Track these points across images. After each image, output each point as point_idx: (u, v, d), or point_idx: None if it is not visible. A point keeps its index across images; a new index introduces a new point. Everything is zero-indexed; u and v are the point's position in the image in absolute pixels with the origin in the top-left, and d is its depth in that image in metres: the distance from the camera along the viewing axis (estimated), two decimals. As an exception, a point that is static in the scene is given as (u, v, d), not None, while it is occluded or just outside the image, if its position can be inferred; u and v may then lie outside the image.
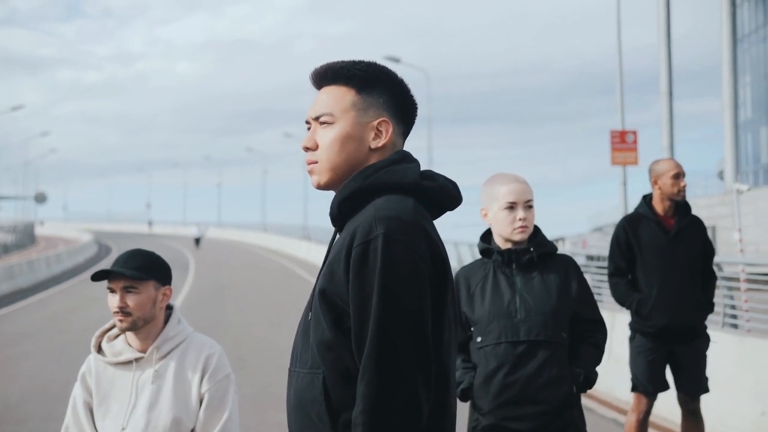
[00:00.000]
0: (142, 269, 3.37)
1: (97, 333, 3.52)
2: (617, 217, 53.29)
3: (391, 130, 2.24)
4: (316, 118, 2.25)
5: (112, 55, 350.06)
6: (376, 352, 2.00)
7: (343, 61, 2.27)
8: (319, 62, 2.30)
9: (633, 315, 5.93)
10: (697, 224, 5.97)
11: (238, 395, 3.53)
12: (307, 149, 2.25)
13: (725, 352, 7.72)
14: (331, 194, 2.26)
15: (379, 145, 2.23)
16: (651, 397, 6.00)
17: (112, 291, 3.38)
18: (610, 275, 5.98)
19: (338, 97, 2.24)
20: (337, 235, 2.23)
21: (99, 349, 3.49)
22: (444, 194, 2.23)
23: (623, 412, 8.69)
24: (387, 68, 2.28)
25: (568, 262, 4.02)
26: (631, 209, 7.04)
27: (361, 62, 2.26)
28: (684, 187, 5.85)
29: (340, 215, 2.20)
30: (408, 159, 2.24)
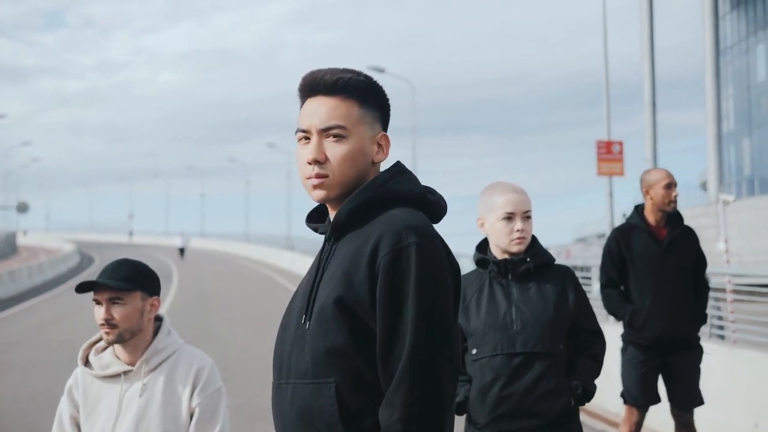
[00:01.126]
0: (127, 280, 3.28)
1: (85, 345, 3.43)
2: (601, 227, 53.58)
3: (389, 143, 2.27)
4: (325, 130, 2.19)
5: (95, 64, 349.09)
6: (414, 360, 2.01)
7: (344, 71, 2.24)
8: (304, 72, 2.27)
9: (626, 326, 5.87)
10: (690, 235, 5.92)
11: (229, 409, 3.45)
12: (316, 162, 2.18)
13: (716, 363, 7.68)
14: (310, 205, 2.29)
15: (381, 159, 2.25)
16: (642, 410, 5.94)
17: (98, 303, 3.29)
18: (603, 286, 5.92)
19: (347, 110, 2.20)
20: (335, 246, 2.20)
21: (86, 362, 3.40)
22: (440, 208, 2.27)
23: (612, 424, 8.65)
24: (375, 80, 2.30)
25: (565, 272, 3.96)
26: (617, 220, 6.99)
27: (359, 73, 2.24)
28: (676, 197, 5.80)
29: (346, 225, 2.18)
30: (406, 170, 2.27)
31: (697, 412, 6.10)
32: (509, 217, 3.82)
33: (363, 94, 2.22)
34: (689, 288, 5.84)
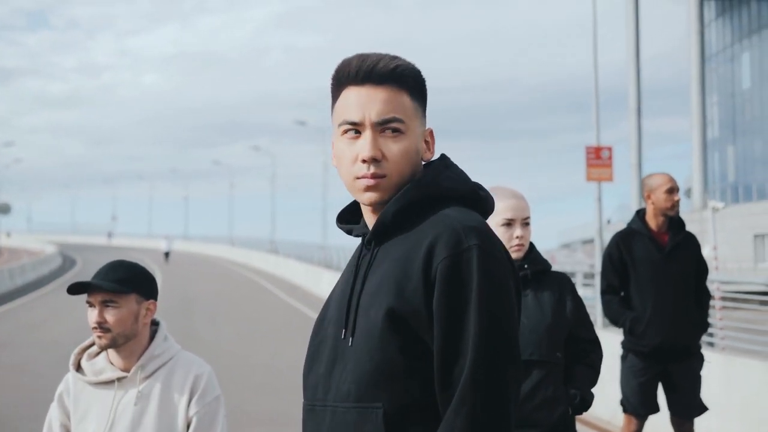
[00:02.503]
0: (122, 282, 3.14)
1: (77, 350, 3.29)
2: (586, 233, 53.68)
3: (434, 140, 2.07)
4: (383, 124, 1.95)
5: (78, 66, 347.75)
6: (477, 380, 1.79)
7: (394, 57, 2.00)
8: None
9: (626, 334, 5.77)
10: (692, 241, 5.83)
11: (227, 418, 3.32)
12: (374, 160, 1.94)
13: (712, 371, 7.60)
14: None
15: (429, 158, 2.04)
16: (642, 419, 5.84)
17: (91, 305, 3.15)
18: (603, 292, 5.82)
19: (403, 102, 1.97)
20: (377, 250, 1.97)
21: (78, 368, 3.26)
22: (490, 206, 2.05)
23: (603, 431, 8.56)
24: None
25: (562, 279, 3.90)
26: (606, 225, 6.89)
27: (406, 60, 2.02)
28: (678, 201, 5.70)
29: (391, 227, 1.96)
30: (453, 164, 2.06)
31: (695, 420, 6.00)
32: (509, 224, 3.75)
33: (415, 84, 2.01)
34: (690, 295, 5.75)
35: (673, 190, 5.69)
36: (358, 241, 2.09)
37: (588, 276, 13.34)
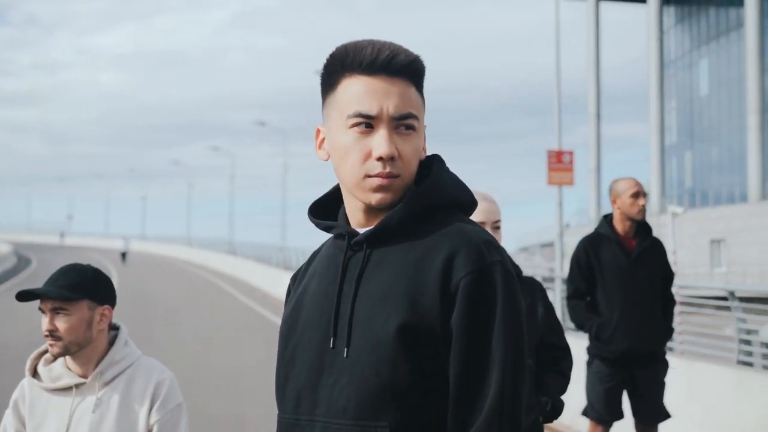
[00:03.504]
0: (72, 288, 3.01)
1: (33, 355, 3.17)
2: (545, 237, 53.96)
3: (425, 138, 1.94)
4: (400, 119, 1.81)
5: (35, 63, 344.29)
6: (503, 403, 1.69)
7: (407, 50, 1.86)
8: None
9: (592, 339, 5.73)
10: (658, 246, 5.80)
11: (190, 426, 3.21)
12: (391, 159, 1.79)
13: (673, 377, 7.60)
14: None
15: (423, 156, 1.90)
16: (607, 426, 5.80)
17: (43, 312, 3.02)
18: (569, 297, 5.78)
19: (415, 97, 1.84)
20: (371, 254, 1.82)
21: (34, 373, 3.14)
22: (473, 212, 1.95)
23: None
24: None
25: (533, 285, 3.84)
26: (565, 229, 6.85)
27: (417, 54, 1.88)
28: (643, 206, 5.67)
29: (397, 231, 1.82)
30: (447, 167, 1.94)
31: (659, 426, 5.97)
32: None
33: (421, 80, 1.87)
34: (657, 300, 5.72)
35: (638, 194, 5.67)
36: (323, 238, 1.97)
37: (548, 280, 13.36)
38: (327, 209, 1.97)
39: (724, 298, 9.18)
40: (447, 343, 1.73)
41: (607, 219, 5.81)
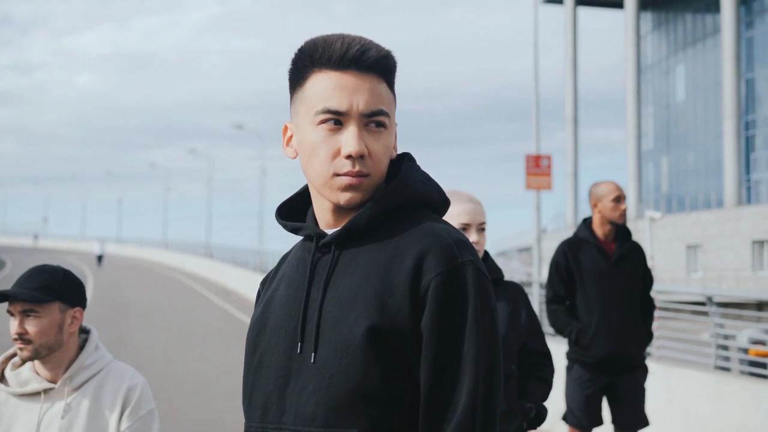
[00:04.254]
0: (43, 290, 2.92)
1: (0, 359, 3.07)
2: (523, 241, 54.11)
3: (396, 137, 1.87)
4: (370, 116, 1.74)
5: (11, 64, 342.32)
6: (476, 408, 1.63)
7: (379, 45, 1.79)
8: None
9: (571, 344, 5.67)
10: (638, 251, 5.75)
11: (162, 432, 3.13)
12: (360, 157, 1.72)
13: (652, 382, 7.58)
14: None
15: (394, 155, 1.84)
16: None
17: (12, 314, 2.93)
18: (548, 302, 5.72)
19: (386, 94, 1.77)
20: (339, 255, 1.76)
21: (1, 378, 3.05)
22: (446, 212, 1.89)
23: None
24: None
25: (517, 290, 3.77)
26: (545, 234, 6.81)
27: (389, 50, 1.82)
28: (625, 210, 5.64)
29: (367, 231, 1.76)
30: (418, 165, 1.88)
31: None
32: (464, 229, 3.58)
33: (393, 77, 1.81)
34: (637, 305, 5.67)
35: (620, 198, 5.63)
36: (295, 240, 1.90)
37: (525, 285, 13.34)
38: (295, 210, 1.91)
39: (701, 303, 9.19)
40: (418, 346, 1.66)
41: (587, 223, 5.76)
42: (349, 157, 1.71)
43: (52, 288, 2.94)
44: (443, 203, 1.85)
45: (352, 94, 1.73)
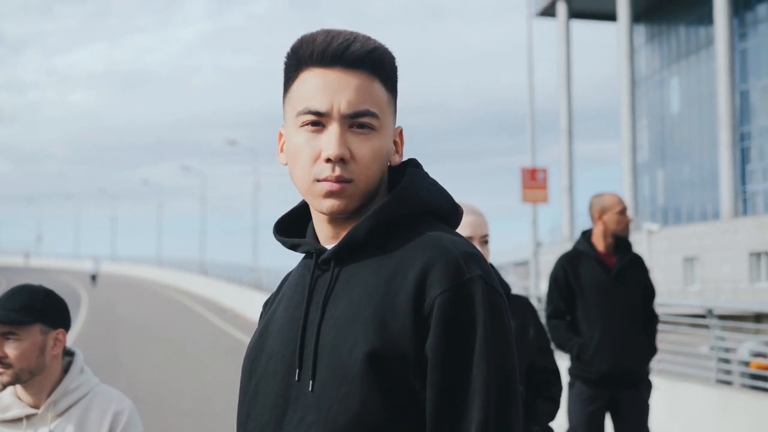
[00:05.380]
0: (23, 311, 2.77)
1: (-20, 384, 2.93)
2: (518, 255, 54.00)
3: (403, 141, 1.72)
4: (354, 117, 1.59)
5: (4, 82, 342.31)
6: (485, 425, 1.47)
7: (367, 38, 1.64)
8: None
9: (573, 360, 5.54)
10: (639, 263, 5.63)
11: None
12: (340, 161, 1.58)
13: (654, 397, 7.45)
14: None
15: (397, 162, 1.70)
16: (589, 449, 5.60)
17: None
18: (549, 317, 5.59)
19: (377, 93, 1.61)
20: (339, 272, 1.61)
21: (-18, 404, 2.91)
22: (459, 223, 1.73)
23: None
24: None
25: (524, 304, 3.65)
26: (540, 247, 6.69)
27: (384, 44, 1.67)
28: (629, 222, 5.54)
29: (362, 246, 1.61)
30: (426, 172, 1.72)
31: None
32: None
33: (390, 72, 1.65)
34: (639, 319, 5.54)
35: (624, 211, 5.54)
36: (295, 258, 1.76)
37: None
38: (295, 225, 1.77)
39: (700, 316, 9.08)
40: (422, 372, 1.51)
41: (586, 236, 5.63)
42: (328, 160, 1.57)
43: (33, 309, 2.80)
44: (453, 212, 1.70)
45: (334, 93, 1.59)
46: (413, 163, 1.71)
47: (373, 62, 1.61)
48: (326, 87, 1.59)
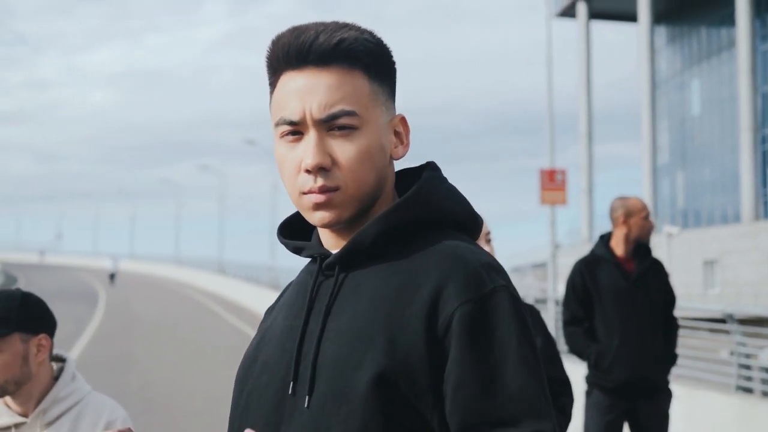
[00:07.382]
0: None
1: (-32, 392, 2.80)
2: (537, 257, 53.77)
3: (409, 130, 1.56)
4: (329, 120, 1.44)
5: (25, 82, 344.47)
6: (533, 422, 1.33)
7: (343, 26, 1.48)
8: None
9: (591, 368, 5.37)
10: (659, 268, 5.47)
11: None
12: (320, 170, 1.44)
13: (673, 405, 7.29)
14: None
15: (401, 155, 1.54)
16: (606, 460, 5.43)
17: None
18: (566, 323, 5.43)
19: (355, 87, 1.45)
20: (344, 279, 1.48)
21: (-30, 412, 2.78)
22: (479, 232, 1.59)
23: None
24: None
25: (532, 313, 3.50)
26: (559, 249, 6.54)
27: (362, 29, 1.50)
28: (652, 228, 5.41)
29: (369, 252, 1.48)
30: (445, 177, 1.58)
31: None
32: None
33: (372, 58, 1.48)
34: (659, 326, 5.37)
35: (649, 215, 5.41)
36: (305, 259, 1.62)
37: (540, 301, 13.07)
38: (301, 228, 1.64)
39: (720, 321, 8.90)
40: (433, 394, 1.37)
41: (604, 239, 5.47)
42: (308, 171, 1.44)
43: (8, 318, 2.63)
44: (472, 221, 1.56)
45: (305, 97, 1.44)
46: (431, 167, 1.58)
47: (344, 53, 1.45)
48: (297, 92, 1.45)
